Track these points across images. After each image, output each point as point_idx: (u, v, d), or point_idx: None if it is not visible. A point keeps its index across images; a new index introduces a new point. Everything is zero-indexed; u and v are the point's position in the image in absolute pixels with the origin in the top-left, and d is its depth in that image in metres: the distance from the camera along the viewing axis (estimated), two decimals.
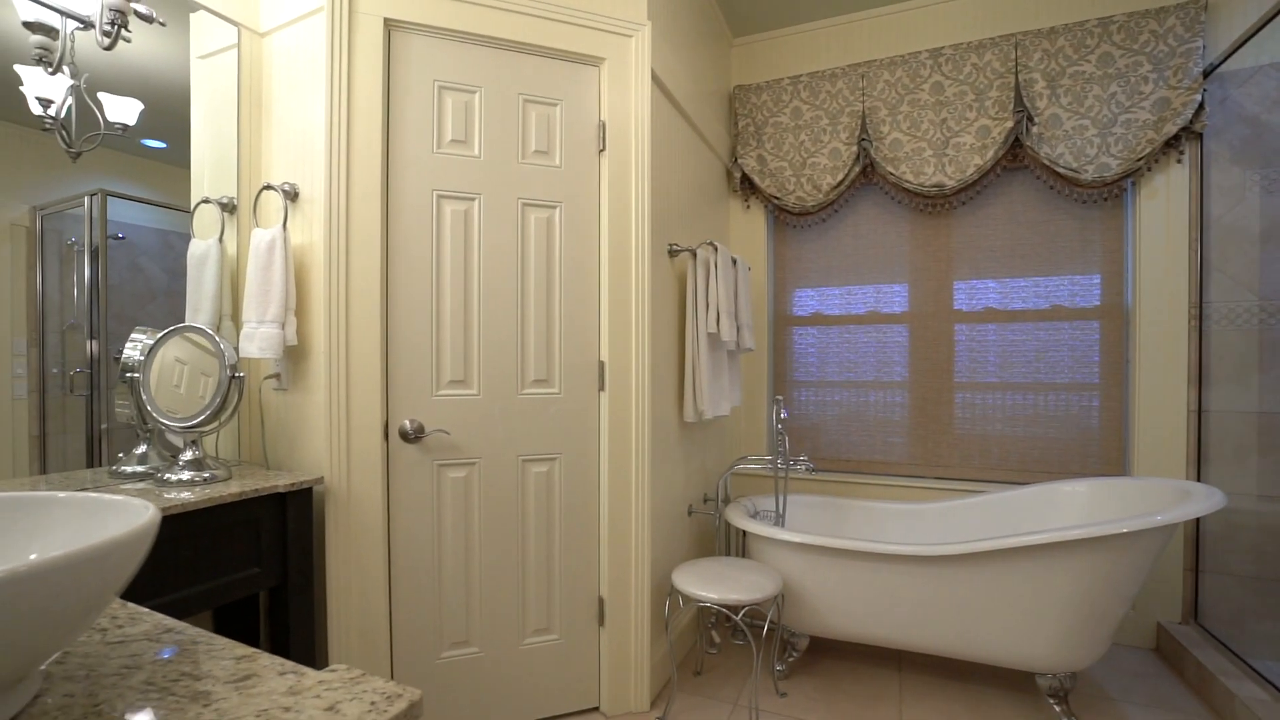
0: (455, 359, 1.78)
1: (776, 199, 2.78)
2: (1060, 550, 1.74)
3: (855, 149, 2.62)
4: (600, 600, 1.94)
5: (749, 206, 2.92)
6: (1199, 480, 2.28)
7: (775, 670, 2.14)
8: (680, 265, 2.27)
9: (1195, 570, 2.29)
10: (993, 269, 2.61)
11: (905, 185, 2.56)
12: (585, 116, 1.91)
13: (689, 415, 2.18)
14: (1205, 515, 2.28)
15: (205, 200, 1.72)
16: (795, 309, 2.92)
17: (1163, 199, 2.32)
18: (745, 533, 2.21)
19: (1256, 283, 2.21)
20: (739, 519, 2.19)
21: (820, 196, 2.68)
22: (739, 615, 1.81)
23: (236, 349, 1.62)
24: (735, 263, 2.37)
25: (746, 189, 2.88)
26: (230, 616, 1.68)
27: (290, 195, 1.69)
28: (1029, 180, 2.54)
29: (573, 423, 1.90)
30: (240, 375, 1.50)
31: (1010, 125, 2.40)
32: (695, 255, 2.16)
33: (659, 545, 2.08)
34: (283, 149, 1.75)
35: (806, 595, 2.05)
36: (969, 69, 2.49)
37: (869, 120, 2.63)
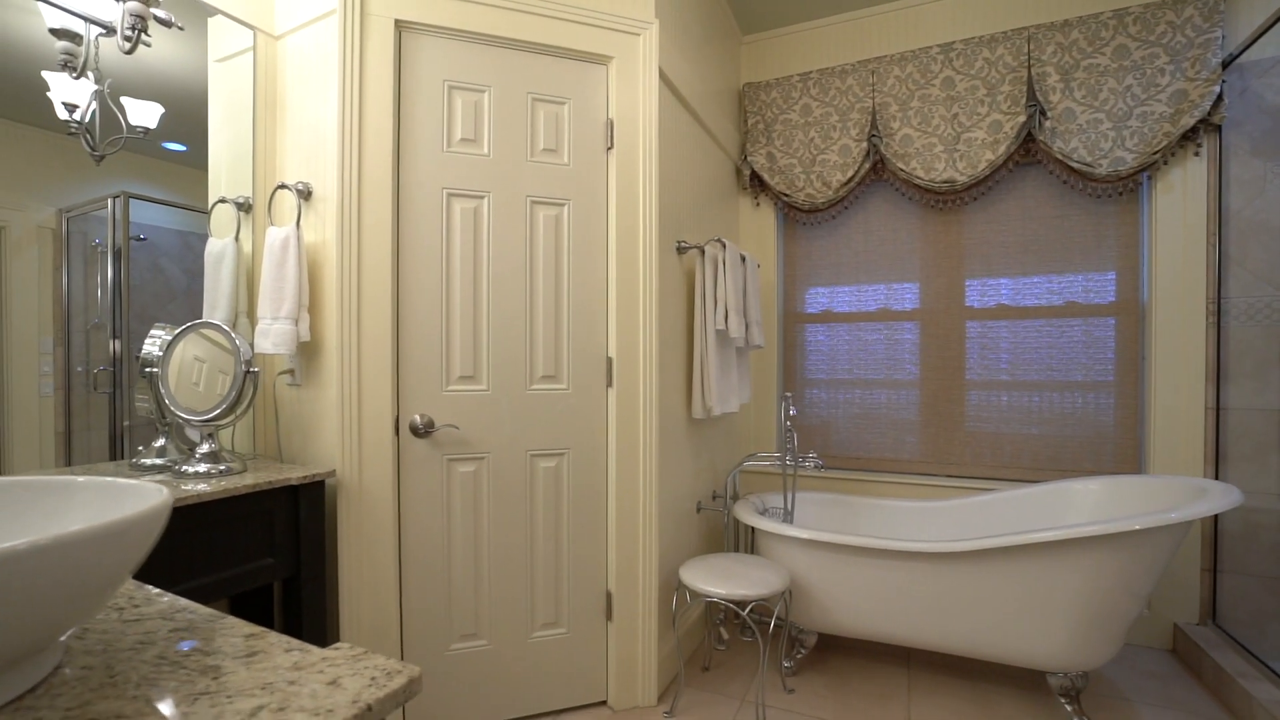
0: (465, 355, 1.80)
1: (786, 196, 2.77)
2: (1071, 548, 1.73)
3: (865, 145, 2.61)
4: (608, 595, 1.96)
5: (759, 204, 2.92)
6: (1217, 479, 2.24)
7: (783, 667, 2.14)
8: (689, 262, 2.27)
9: (1213, 571, 2.25)
10: (1005, 265, 2.59)
11: (916, 181, 2.55)
12: (593, 115, 1.93)
13: (697, 412, 2.18)
14: (1223, 514, 2.25)
15: (222, 200, 1.77)
16: (805, 306, 2.92)
17: (1179, 193, 2.29)
18: (754, 530, 2.21)
19: (1277, 278, 2.16)
20: (747, 515, 2.19)
21: (830, 193, 2.68)
22: (745, 611, 1.81)
23: (251, 345, 1.66)
24: (744, 259, 2.37)
25: (756, 186, 2.88)
26: (245, 606, 1.72)
27: (304, 194, 1.73)
28: (1042, 175, 2.51)
29: (581, 418, 1.92)
30: (255, 370, 1.54)
31: (1023, 120, 2.38)
32: (703, 252, 2.17)
33: (667, 541, 2.09)
34: (296, 149, 1.78)
35: (814, 592, 2.05)
36: (980, 63, 2.47)
37: (879, 116, 2.62)
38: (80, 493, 0.70)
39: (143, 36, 1.31)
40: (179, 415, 1.50)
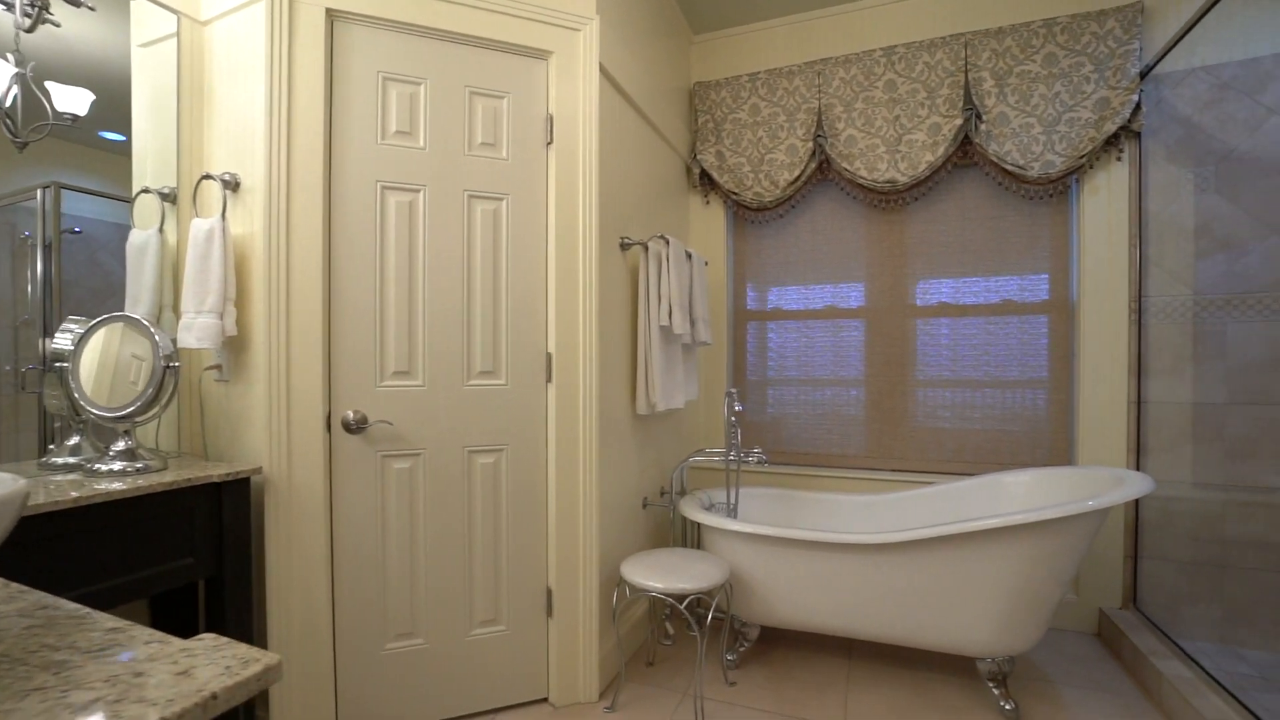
0: (400, 350, 1.78)
1: (735, 195, 2.81)
2: (997, 537, 1.79)
3: (811, 145, 2.66)
4: (548, 591, 1.96)
5: (708, 202, 2.95)
6: (1138, 469, 2.35)
7: (726, 660, 2.17)
8: (633, 258, 2.28)
9: (1135, 558, 2.35)
10: (945, 264, 2.66)
11: (860, 181, 2.61)
12: (533, 109, 1.92)
13: (641, 408, 2.19)
14: (1143, 503, 2.35)
15: (145, 190, 1.71)
16: (755, 304, 2.95)
17: (1104, 196, 2.38)
18: (700, 525, 2.23)
19: (1191, 277, 2.28)
20: (691, 511, 2.21)
21: (778, 192, 2.72)
22: (683, 604, 1.83)
23: (174, 340, 1.61)
24: (690, 256, 2.39)
25: (706, 185, 2.91)
26: (168, 607, 1.67)
27: (230, 185, 1.68)
28: (979, 177, 2.59)
29: (520, 414, 1.91)
30: (175, 365, 1.49)
31: (960, 123, 2.45)
32: (647, 248, 2.18)
33: (610, 537, 2.10)
34: (223, 138, 1.74)
35: (756, 585, 2.08)
36: (921, 67, 2.54)
37: (825, 117, 2.67)
38: None
39: (45, 15, 1.26)
40: (91, 412, 1.45)
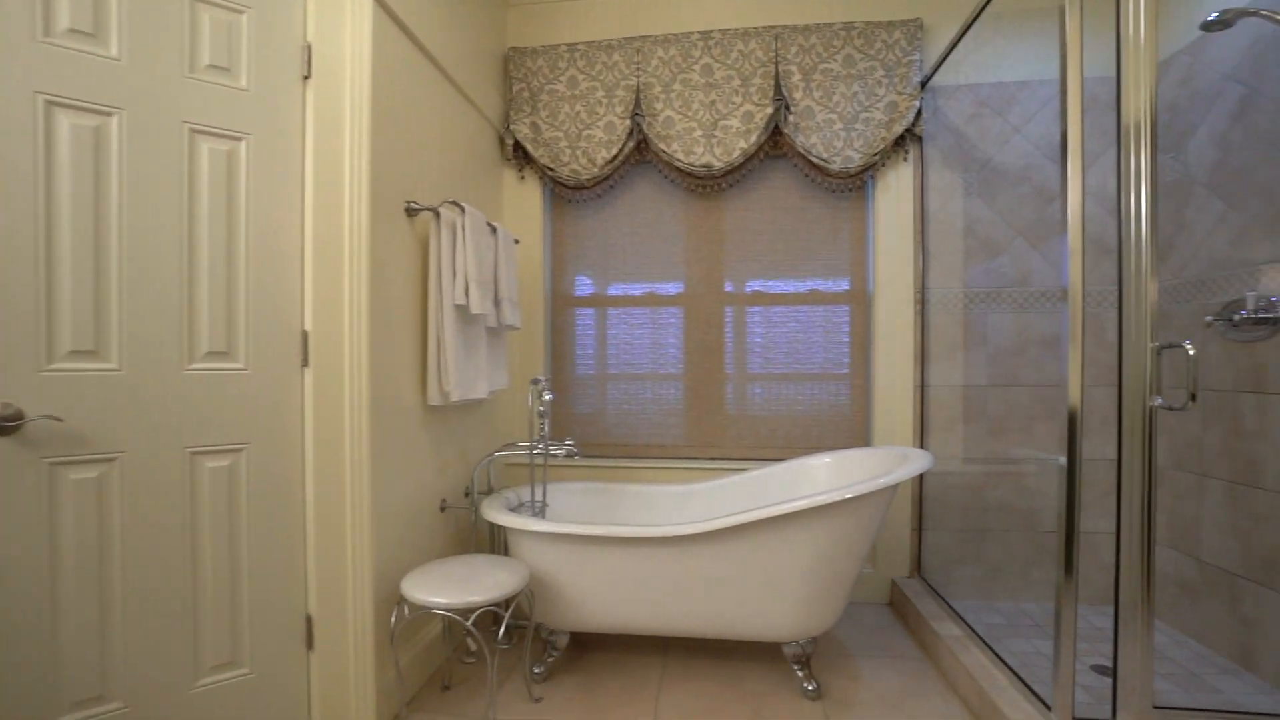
0: (80, 322, 1.34)
1: (551, 170, 2.62)
2: (797, 519, 1.78)
3: (629, 124, 2.56)
4: (308, 619, 1.61)
5: (524, 177, 2.73)
6: (922, 448, 2.54)
7: (532, 674, 1.97)
8: (423, 227, 2.00)
9: (919, 529, 2.55)
10: (758, 253, 2.70)
11: (677, 164, 2.55)
12: (285, 35, 1.57)
13: (434, 398, 1.92)
14: (926, 479, 2.55)
15: None
16: (573, 289, 2.79)
17: (894, 193, 2.56)
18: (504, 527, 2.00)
19: (960, 272, 2.51)
20: (493, 512, 1.98)
21: (595, 170, 2.58)
22: (470, 620, 1.60)
23: None
24: (495, 230, 2.16)
25: (521, 158, 2.69)
26: None
27: None
28: (789, 168, 2.66)
29: (265, 405, 1.55)
30: None
31: (771, 112, 2.49)
32: (438, 215, 1.91)
33: (391, 548, 1.80)
34: None
35: (564, 588, 1.90)
36: (736, 54, 2.55)
37: (644, 96, 2.58)
38: None
39: None
40: None
